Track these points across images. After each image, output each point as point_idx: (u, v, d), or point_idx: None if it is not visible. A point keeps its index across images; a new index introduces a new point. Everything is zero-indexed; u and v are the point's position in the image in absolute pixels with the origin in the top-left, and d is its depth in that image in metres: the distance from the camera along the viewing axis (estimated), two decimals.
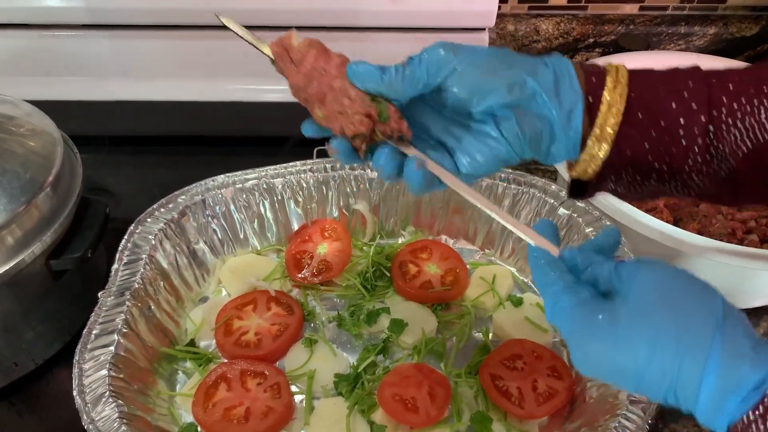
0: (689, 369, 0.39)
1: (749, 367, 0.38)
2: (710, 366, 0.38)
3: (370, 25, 1.10)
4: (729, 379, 0.38)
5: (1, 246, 0.64)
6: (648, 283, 0.42)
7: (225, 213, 0.81)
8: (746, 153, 0.49)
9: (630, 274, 0.43)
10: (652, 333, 0.40)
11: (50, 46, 1.10)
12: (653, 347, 0.40)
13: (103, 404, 0.58)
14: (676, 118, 0.49)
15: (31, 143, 0.73)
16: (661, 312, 0.41)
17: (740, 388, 0.38)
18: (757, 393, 0.37)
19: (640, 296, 0.42)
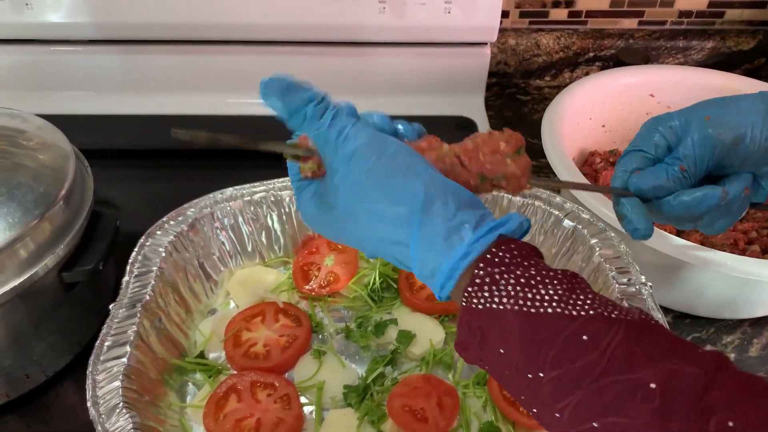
0: (398, 254, 0.45)
1: (437, 259, 0.42)
2: (412, 254, 0.43)
3: (373, 40, 1.11)
4: (425, 269, 0.43)
5: (14, 259, 0.65)
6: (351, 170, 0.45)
7: (233, 225, 0.82)
8: None
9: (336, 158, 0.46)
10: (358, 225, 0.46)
11: (58, 61, 1.12)
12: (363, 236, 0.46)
13: (117, 415, 0.59)
14: None
15: (43, 157, 0.74)
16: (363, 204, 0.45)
17: (435, 276, 0.43)
18: (451, 279, 0.42)
19: (344, 183, 0.45)
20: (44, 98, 1.11)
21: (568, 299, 0.40)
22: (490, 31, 1.09)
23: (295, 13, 1.07)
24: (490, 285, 0.41)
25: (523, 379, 0.40)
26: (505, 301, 0.40)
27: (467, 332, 0.43)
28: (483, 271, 0.41)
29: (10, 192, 0.67)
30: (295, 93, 0.46)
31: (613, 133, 1.03)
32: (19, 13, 1.04)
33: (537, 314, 0.39)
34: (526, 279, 0.41)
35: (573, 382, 0.38)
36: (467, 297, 0.42)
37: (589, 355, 0.37)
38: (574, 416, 0.38)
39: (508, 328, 0.40)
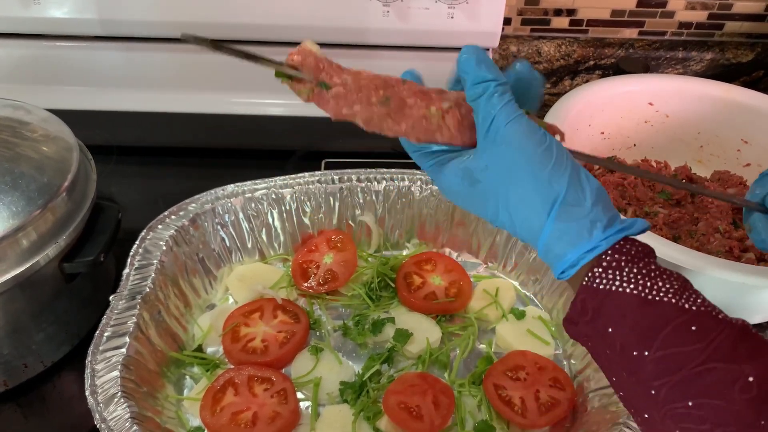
0: (528, 232, 0.49)
1: (565, 249, 0.47)
2: (542, 237, 0.47)
3: (376, 43, 1.12)
4: (549, 253, 0.48)
5: (16, 248, 0.65)
6: (507, 155, 0.48)
7: (234, 222, 0.82)
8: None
9: (496, 140, 0.48)
10: (498, 203, 0.49)
11: (63, 57, 1.12)
12: (499, 214, 0.49)
13: (115, 404, 0.59)
14: None
15: (46, 148, 0.74)
16: (510, 186, 0.48)
17: (559, 261, 0.47)
18: (574, 267, 0.47)
19: (497, 166, 0.48)
20: (49, 93, 1.11)
21: (682, 294, 0.44)
22: (492, 37, 1.10)
23: (299, 15, 1.08)
24: (614, 270, 0.45)
25: (624, 357, 0.44)
26: (625, 286, 0.44)
27: (580, 309, 0.46)
28: (610, 257, 0.45)
29: (14, 182, 0.68)
30: (488, 67, 0.49)
31: (612, 140, 1.04)
32: (27, 8, 1.05)
33: (653, 301, 0.44)
34: (647, 270, 0.45)
35: (677, 363, 0.41)
36: (590, 277, 0.46)
37: (696, 343, 0.41)
38: (671, 394, 0.41)
39: (625, 310, 0.44)
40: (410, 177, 0.86)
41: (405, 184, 0.85)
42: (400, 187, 0.85)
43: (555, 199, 0.47)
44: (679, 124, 1.04)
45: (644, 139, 1.05)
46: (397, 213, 0.87)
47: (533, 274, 0.84)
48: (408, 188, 0.85)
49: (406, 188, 0.85)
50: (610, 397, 0.66)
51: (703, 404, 0.40)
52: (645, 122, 1.04)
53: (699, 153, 1.05)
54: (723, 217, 0.89)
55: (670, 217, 0.90)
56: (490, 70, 0.49)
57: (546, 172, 0.47)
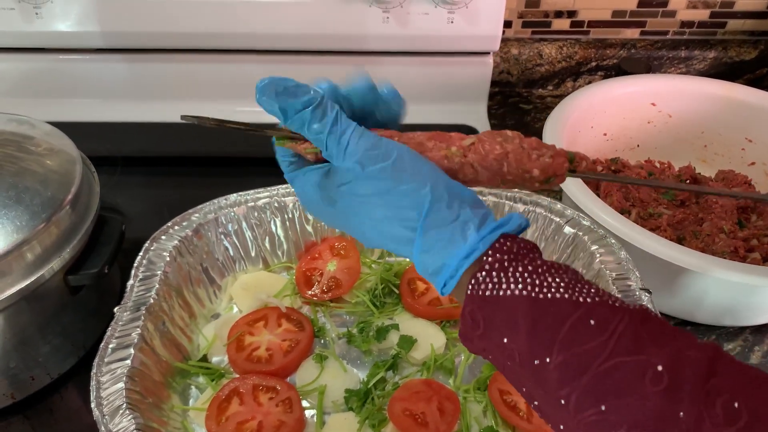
0: (402, 252, 0.46)
1: (441, 259, 0.44)
2: (415, 255, 0.45)
3: (377, 49, 1.12)
4: (428, 268, 0.45)
5: (21, 261, 0.66)
6: (355, 175, 0.45)
7: (237, 231, 0.83)
8: None
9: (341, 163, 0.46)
10: (363, 223, 0.47)
11: (67, 69, 1.13)
12: (366, 232, 0.47)
13: (121, 416, 0.59)
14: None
15: (50, 162, 0.75)
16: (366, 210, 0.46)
17: (438, 274, 0.44)
18: (454, 277, 0.43)
19: (348, 189, 0.46)
20: (52, 105, 1.12)
21: (574, 287, 0.41)
22: (492, 40, 1.10)
23: (300, 23, 1.08)
24: (498, 272, 0.42)
25: (527, 367, 0.40)
26: (512, 287, 0.41)
27: (470, 322, 0.43)
28: (492, 258, 0.42)
29: (18, 196, 0.68)
30: (292, 95, 0.45)
31: (615, 141, 1.04)
32: (29, 21, 1.06)
33: (545, 300, 0.40)
34: (534, 267, 0.42)
35: (581, 366, 0.38)
36: (474, 285, 0.42)
37: (597, 338, 0.38)
38: (581, 401, 0.38)
39: (516, 315, 0.40)
40: None
41: None
42: None
43: (420, 210, 0.44)
44: (683, 124, 1.04)
45: (647, 140, 1.05)
46: None
47: None
48: None
49: None
50: None
51: (615, 406, 0.37)
52: (648, 123, 1.04)
53: (703, 152, 1.05)
54: (728, 217, 0.89)
55: (674, 218, 0.89)
56: (294, 97, 0.45)
57: (403, 188, 0.44)
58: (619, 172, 0.99)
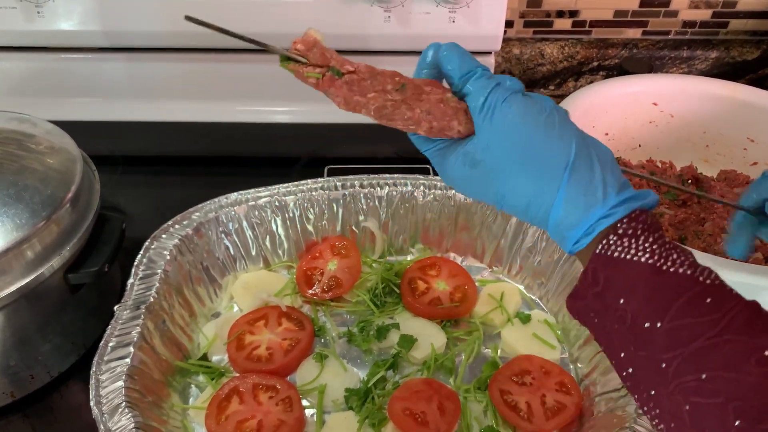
0: (538, 205, 0.47)
1: (580, 215, 0.45)
2: (555, 207, 0.46)
3: (377, 48, 1.12)
4: (563, 223, 0.46)
5: (21, 259, 0.66)
6: (507, 128, 0.47)
7: (238, 230, 0.83)
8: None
9: (495, 115, 0.48)
10: (505, 182, 0.48)
11: (68, 69, 1.13)
12: (505, 193, 0.48)
13: (120, 414, 0.59)
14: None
15: (50, 160, 0.75)
16: (515, 163, 0.47)
17: (573, 229, 0.46)
18: (589, 235, 0.45)
19: (499, 141, 0.48)
20: (54, 105, 1.12)
21: (696, 267, 0.43)
22: (494, 40, 1.10)
23: (301, 22, 1.08)
24: (630, 238, 0.44)
25: (635, 330, 0.42)
26: (640, 254, 0.43)
27: (590, 280, 0.45)
28: (626, 225, 0.44)
29: (18, 194, 0.68)
30: (471, 58, 0.50)
31: (617, 141, 1.03)
32: (31, 21, 1.06)
33: (668, 272, 0.42)
34: (662, 242, 0.44)
35: (690, 335, 0.40)
36: (605, 245, 0.44)
37: (711, 315, 0.40)
38: (683, 366, 0.40)
39: (638, 279, 0.43)
40: (413, 182, 0.86)
41: (408, 190, 0.85)
42: (404, 192, 0.85)
43: (566, 163, 0.46)
44: (684, 124, 1.03)
45: (649, 140, 1.04)
46: (400, 218, 0.87)
47: (538, 277, 0.83)
48: (411, 193, 0.85)
49: (409, 193, 0.85)
50: (617, 401, 0.66)
51: (716, 377, 0.39)
52: (650, 122, 1.04)
53: (705, 152, 1.04)
54: (730, 217, 0.88)
55: (676, 218, 0.89)
56: (474, 60, 0.50)
57: (553, 138, 0.46)
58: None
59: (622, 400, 0.65)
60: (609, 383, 0.68)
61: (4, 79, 1.13)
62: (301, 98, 1.16)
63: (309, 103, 1.16)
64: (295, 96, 1.17)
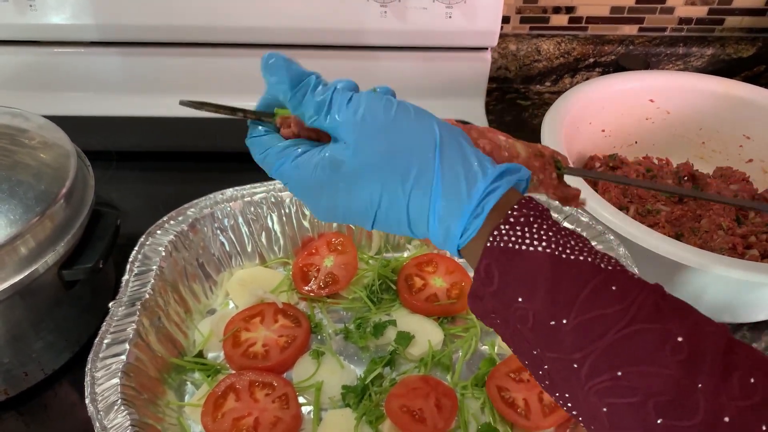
0: (417, 205, 0.43)
1: (461, 200, 0.41)
2: (432, 210, 0.42)
3: (374, 44, 1.12)
4: (447, 216, 0.42)
5: (14, 256, 0.65)
6: (364, 128, 0.43)
7: (233, 226, 0.82)
8: None
9: (345, 118, 0.44)
10: (374, 178, 0.43)
11: (61, 63, 1.12)
12: (378, 192, 0.43)
13: (115, 412, 0.59)
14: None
15: (44, 155, 0.74)
16: (379, 156, 0.43)
17: (460, 218, 0.42)
18: (478, 216, 0.41)
19: (358, 143, 0.43)
20: (46, 99, 1.11)
21: (596, 253, 0.40)
22: (490, 36, 1.10)
23: (297, 17, 1.07)
24: (524, 226, 0.40)
25: (541, 329, 0.39)
26: (536, 244, 0.40)
27: (484, 277, 0.41)
28: (517, 212, 0.41)
29: (12, 189, 0.67)
30: (297, 67, 0.45)
31: (613, 137, 1.03)
32: (23, 14, 1.05)
33: (568, 260, 0.39)
34: (557, 228, 0.41)
35: (600, 330, 0.37)
36: (496, 236, 0.41)
37: (617, 304, 0.37)
38: (596, 365, 0.37)
39: (536, 272, 0.39)
40: None
41: None
42: None
43: (434, 145, 0.42)
44: (681, 121, 1.03)
45: (645, 136, 1.05)
46: None
47: None
48: None
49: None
50: None
51: (631, 373, 0.36)
52: (646, 119, 1.04)
53: (701, 149, 1.05)
54: (726, 214, 0.89)
55: (672, 215, 0.89)
56: (299, 70, 0.45)
57: (411, 123, 0.43)
58: (617, 168, 0.99)
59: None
60: None
61: None
62: None
63: None
64: None
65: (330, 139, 0.47)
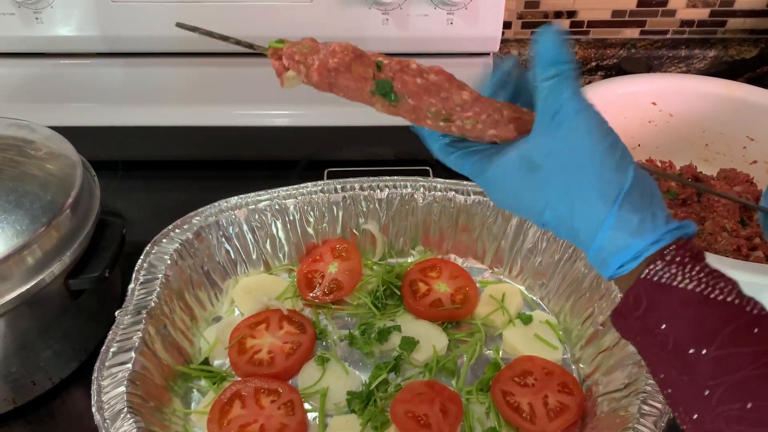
0: (584, 223, 0.46)
1: (628, 239, 0.45)
2: (599, 235, 0.46)
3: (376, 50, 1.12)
4: (609, 247, 0.46)
5: (21, 266, 0.66)
6: (574, 140, 0.46)
7: (238, 233, 0.83)
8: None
9: (565, 123, 0.46)
10: (561, 188, 0.47)
11: (67, 74, 1.13)
12: (557, 200, 0.47)
13: (122, 420, 0.59)
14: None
15: (50, 166, 0.75)
16: (574, 172, 0.46)
17: (618, 254, 0.45)
18: (637, 259, 0.45)
19: (562, 151, 0.46)
20: (53, 110, 1.12)
21: (743, 297, 0.43)
22: (492, 41, 1.10)
23: (300, 25, 1.08)
24: (678, 265, 0.44)
25: (677, 355, 0.43)
26: (687, 282, 0.43)
27: (632, 303, 0.45)
28: (674, 252, 0.44)
29: (18, 200, 0.68)
30: (565, 51, 0.48)
31: None
32: (30, 26, 1.06)
33: (716, 301, 0.42)
34: (709, 270, 0.44)
35: (736, 364, 0.41)
36: (651, 270, 0.44)
37: (757, 345, 0.41)
38: (727, 395, 0.40)
39: (684, 306, 0.43)
40: (413, 184, 0.86)
41: (408, 192, 0.85)
42: (403, 194, 0.85)
43: (621, 188, 0.45)
44: (684, 123, 1.03)
45: (648, 139, 1.04)
46: (400, 220, 0.86)
47: (539, 278, 0.83)
48: (411, 195, 0.85)
49: (409, 195, 0.85)
50: (620, 401, 0.65)
51: (761, 407, 0.39)
52: (649, 122, 1.04)
53: (704, 151, 1.04)
54: (730, 216, 0.89)
55: (676, 217, 0.89)
56: (567, 54, 0.48)
57: (614, 162, 0.46)
58: None
59: (625, 400, 0.65)
60: (611, 383, 0.68)
61: (3, 86, 1.13)
62: (300, 101, 1.17)
63: (308, 106, 1.16)
64: (294, 99, 1.17)
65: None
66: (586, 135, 0.46)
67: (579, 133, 0.46)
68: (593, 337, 0.74)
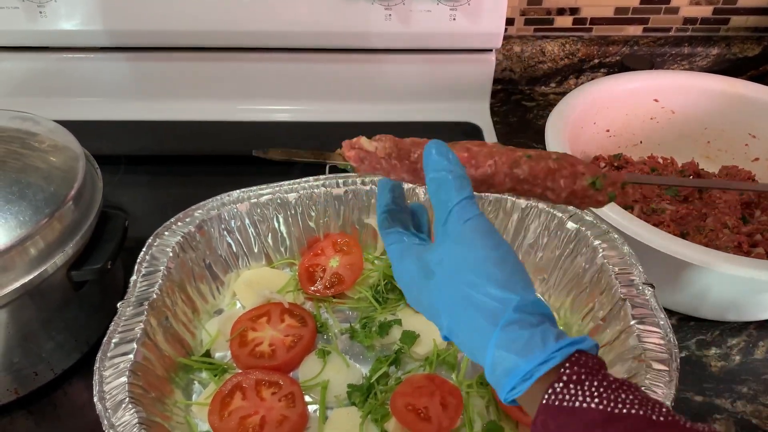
0: (475, 342, 0.46)
1: (515, 360, 0.44)
2: (488, 354, 0.45)
3: (379, 47, 1.12)
4: (498, 367, 0.44)
5: (24, 256, 0.66)
6: (456, 253, 0.47)
7: (240, 227, 0.83)
8: None
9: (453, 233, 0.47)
10: (450, 301, 0.47)
11: (71, 68, 1.14)
12: (450, 313, 0.48)
13: (123, 410, 0.60)
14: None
15: (53, 158, 0.75)
16: (461, 285, 0.46)
17: (508, 376, 0.44)
18: (527, 381, 0.43)
19: (450, 261, 0.47)
20: (56, 104, 1.13)
21: (648, 404, 0.42)
22: (495, 37, 1.11)
23: (302, 21, 1.08)
24: (576, 384, 0.42)
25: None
26: (589, 401, 0.42)
27: (541, 429, 0.43)
28: (570, 370, 0.43)
29: (21, 191, 0.68)
30: (447, 159, 0.49)
31: (618, 137, 1.04)
32: (33, 21, 1.06)
33: (621, 415, 0.41)
34: (608, 383, 0.42)
35: None
36: (551, 394, 0.42)
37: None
38: None
39: (589, 429, 0.41)
40: None
41: (409, 186, 0.85)
42: (405, 189, 0.85)
43: (506, 305, 0.45)
44: (686, 120, 1.03)
45: (650, 136, 1.05)
46: None
47: (540, 273, 0.83)
48: (412, 190, 0.85)
49: (410, 190, 0.85)
50: None
51: None
52: (651, 119, 1.04)
53: (706, 148, 1.05)
54: (731, 212, 0.89)
55: (677, 214, 0.89)
56: (450, 161, 0.48)
57: (503, 276, 0.45)
58: (622, 168, 0.99)
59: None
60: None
61: (7, 80, 1.14)
62: (302, 97, 1.17)
63: (310, 101, 1.17)
64: (296, 94, 1.17)
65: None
66: (472, 246, 0.46)
67: (464, 245, 0.46)
68: (593, 332, 0.74)
